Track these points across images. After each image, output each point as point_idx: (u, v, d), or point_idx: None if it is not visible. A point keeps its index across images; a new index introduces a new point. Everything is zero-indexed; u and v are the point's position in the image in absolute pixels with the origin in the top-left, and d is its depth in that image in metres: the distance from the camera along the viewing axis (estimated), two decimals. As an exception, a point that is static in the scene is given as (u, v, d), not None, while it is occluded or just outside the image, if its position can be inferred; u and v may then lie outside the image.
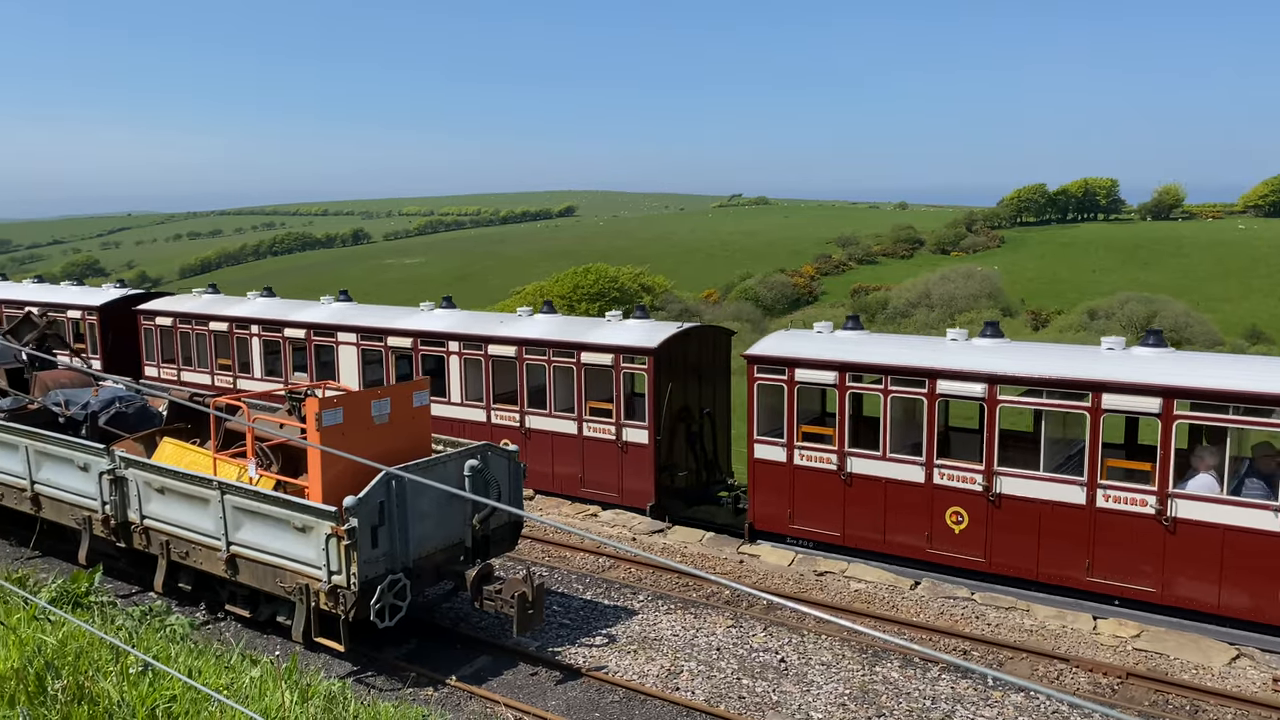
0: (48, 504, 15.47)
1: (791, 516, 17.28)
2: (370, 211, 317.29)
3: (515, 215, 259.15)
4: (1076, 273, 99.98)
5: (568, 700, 11.99)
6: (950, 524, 15.83)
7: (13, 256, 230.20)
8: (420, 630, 13.80)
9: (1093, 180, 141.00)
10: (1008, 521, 15.32)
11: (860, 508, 16.60)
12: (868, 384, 16.58)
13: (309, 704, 9.02)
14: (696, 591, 15.72)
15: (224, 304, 26.88)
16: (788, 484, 17.17)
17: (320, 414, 12.14)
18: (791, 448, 17.16)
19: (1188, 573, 14.00)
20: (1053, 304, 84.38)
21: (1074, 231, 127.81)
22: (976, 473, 15.49)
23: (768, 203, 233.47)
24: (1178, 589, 14.08)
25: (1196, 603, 13.98)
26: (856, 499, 16.63)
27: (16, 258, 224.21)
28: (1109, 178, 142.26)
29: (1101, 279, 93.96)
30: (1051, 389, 14.81)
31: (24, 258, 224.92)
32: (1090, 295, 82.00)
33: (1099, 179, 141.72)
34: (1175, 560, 14.05)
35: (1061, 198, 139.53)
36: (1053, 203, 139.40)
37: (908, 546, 16.27)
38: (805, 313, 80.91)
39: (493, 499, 13.17)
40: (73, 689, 7.93)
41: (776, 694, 12.17)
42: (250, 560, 12.70)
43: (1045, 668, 13.14)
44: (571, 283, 79.07)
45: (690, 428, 19.73)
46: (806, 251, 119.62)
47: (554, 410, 20.04)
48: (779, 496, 17.40)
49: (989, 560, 15.60)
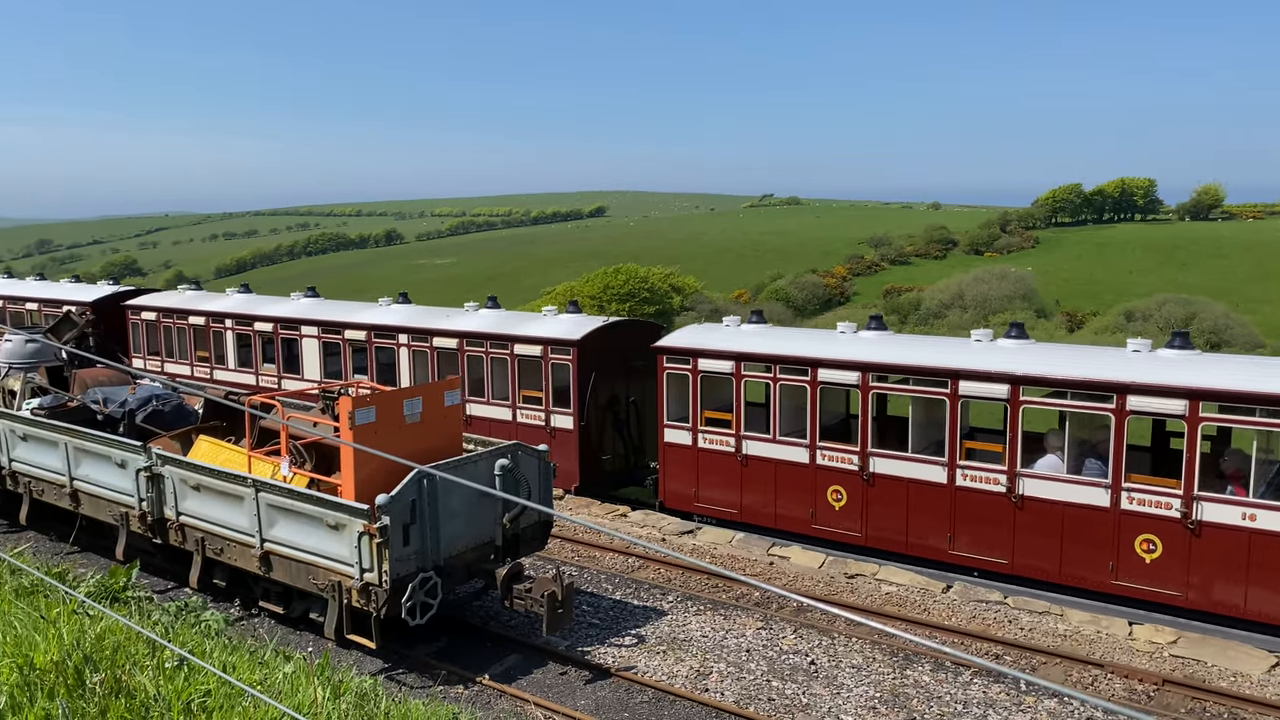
0: (86, 500, 15.71)
1: (696, 494, 18.73)
2: (403, 212, 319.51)
3: (546, 216, 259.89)
4: (1113, 274, 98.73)
5: (597, 700, 12.00)
6: (832, 501, 17.22)
7: (53, 256, 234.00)
8: (451, 628, 13.88)
9: (1130, 180, 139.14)
10: (881, 498, 16.72)
11: (755, 486, 18.07)
12: (759, 373, 17.83)
13: (341, 700, 9.09)
14: (726, 593, 15.69)
15: (202, 300, 28.46)
16: (693, 465, 18.56)
17: (353, 413, 12.24)
18: (696, 432, 18.68)
19: (1033, 545, 15.34)
20: (1088, 305, 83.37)
21: (1110, 232, 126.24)
22: (853, 454, 16.90)
23: (799, 203, 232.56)
24: (1026, 560, 15.37)
25: (1042, 571, 15.27)
26: (751, 478, 18.11)
27: (57, 257, 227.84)
28: (1146, 178, 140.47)
29: (1138, 280, 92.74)
30: (917, 376, 16.27)
31: (64, 257, 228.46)
32: (1127, 297, 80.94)
33: (1136, 179, 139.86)
34: (1023, 534, 15.39)
35: (1098, 198, 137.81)
36: (1089, 203, 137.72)
37: (795, 521, 17.65)
38: (837, 313, 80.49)
39: (523, 498, 13.21)
40: (110, 682, 8.04)
41: (806, 696, 12.12)
42: (284, 557, 12.83)
43: (1079, 673, 12.98)
44: (601, 283, 79.08)
45: (618, 415, 20.98)
46: (838, 252, 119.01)
47: (491, 398, 21.48)
48: (686, 476, 18.84)
49: (865, 534, 16.97)
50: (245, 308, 26.65)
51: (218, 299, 28.21)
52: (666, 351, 18.90)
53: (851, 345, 17.21)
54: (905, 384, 16.49)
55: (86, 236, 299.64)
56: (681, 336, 19.53)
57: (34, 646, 8.83)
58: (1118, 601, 14.74)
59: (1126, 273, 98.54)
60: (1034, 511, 15.21)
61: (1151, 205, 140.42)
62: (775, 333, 19.40)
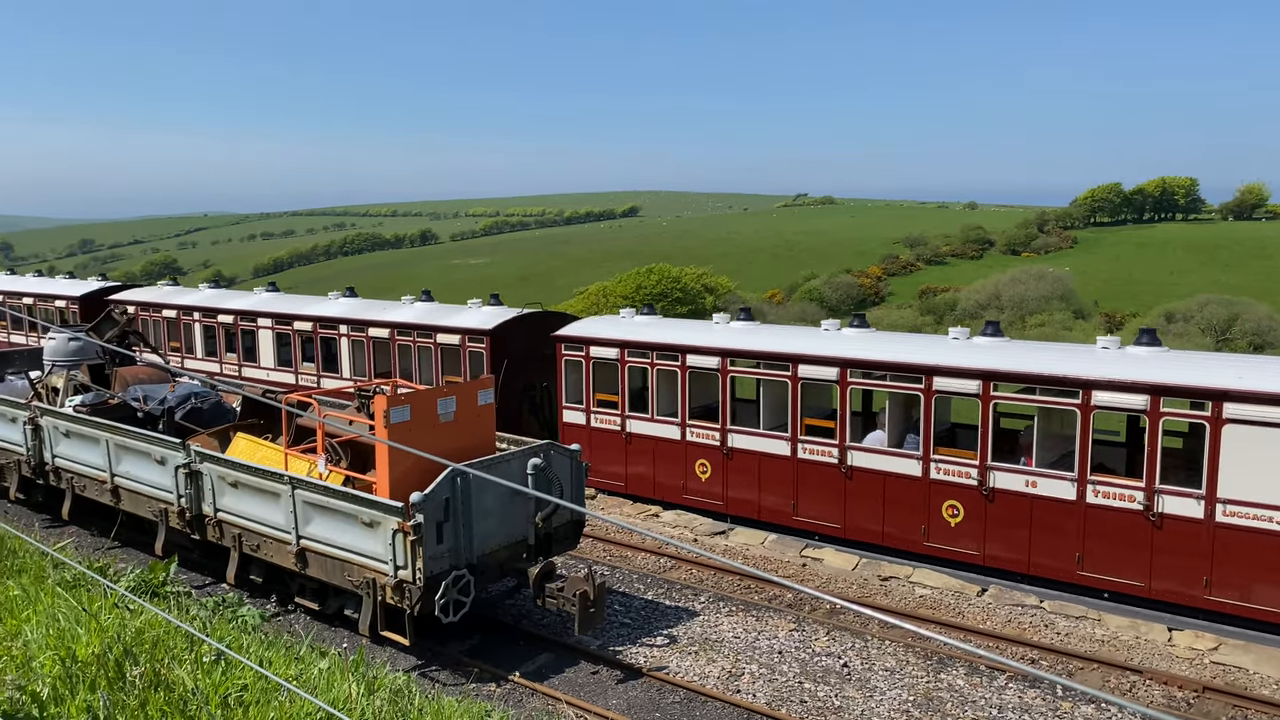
0: (126, 496, 15.95)
1: (590, 469, 19.78)
2: (438, 212, 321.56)
3: (579, 216, 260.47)
4: (1153, 274, 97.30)
5: (629, 700, 12.01)
6: (699, 473, 19.20)
7: (95, 255, 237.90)
8: (483, 626, 13.94)
9: (1171, 179, 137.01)
10: (738, 469, 18.64)
11: (637, 460, 20.00)
12: (639, 358, 19.63)
13: (375, 697, 9.16)
14: (758, 594, 15.64)
15: (176, 294, 30.96)
16: (587, 443, 19.24)
17: (389, 411, 12.33)
18: (589, 412, 20.51)
19: (861, 509, 17.12)
20: (1128, 306, 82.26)
21: (1150, 232, 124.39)
22: (715, 431, 18.82)
23: (834, 202, 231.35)
24: (855, 523, 17.25)
25: (868, 534, 17.10)
26: (635, 454, 20.03)
27: (99, 257, 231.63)
28: (1188, 176, 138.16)
29: (1179, 281, 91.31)
30: (765, 360, 18.01)
31: (106, 257, 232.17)
32: (1168, 298, 79.73)
33: (1177, 178, 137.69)
34: (853, 499, 17.20)
35: (1138, 197, 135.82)
36: (1128, 202, 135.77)
37: (669, 489, 19.60)
38: (871, 314, 79.95)
39: (555, 497, 13.25)
40: (150, 675, 8.16)
41: (839, 699, 12.05)
42: (319, 554, 12.95)
43: (1117, 679, 12.81)
44: (634, 283, 79.11)
45: (534, 399, 22.65)
46: (873, 252, 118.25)
47: (419, 384, 22.51)
48: (583, 454, 19.80)
49: (725, 503, 18.87)
50: (210, 302, 29.08)
51: (189, 293, 30.99)
52: (564, 340, 20.73)
53: (713, 334, 19.20)
54: (756, 367, 18.26)
55: (128, 236, 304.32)
56: (577, 327, 21.52)
57: (76, 639, 8.98)
58: (929, 561, 16.50)
59: (1167, 273, 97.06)
60: (860, 480, 17.10)
61: (1193, 204, 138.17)
62: (660, 323, 21.11)
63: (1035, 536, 15.39)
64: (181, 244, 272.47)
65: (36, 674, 8.17)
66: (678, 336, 19.29)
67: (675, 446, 19.37)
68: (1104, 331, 72.36)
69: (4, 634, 9.46)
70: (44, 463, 17.46)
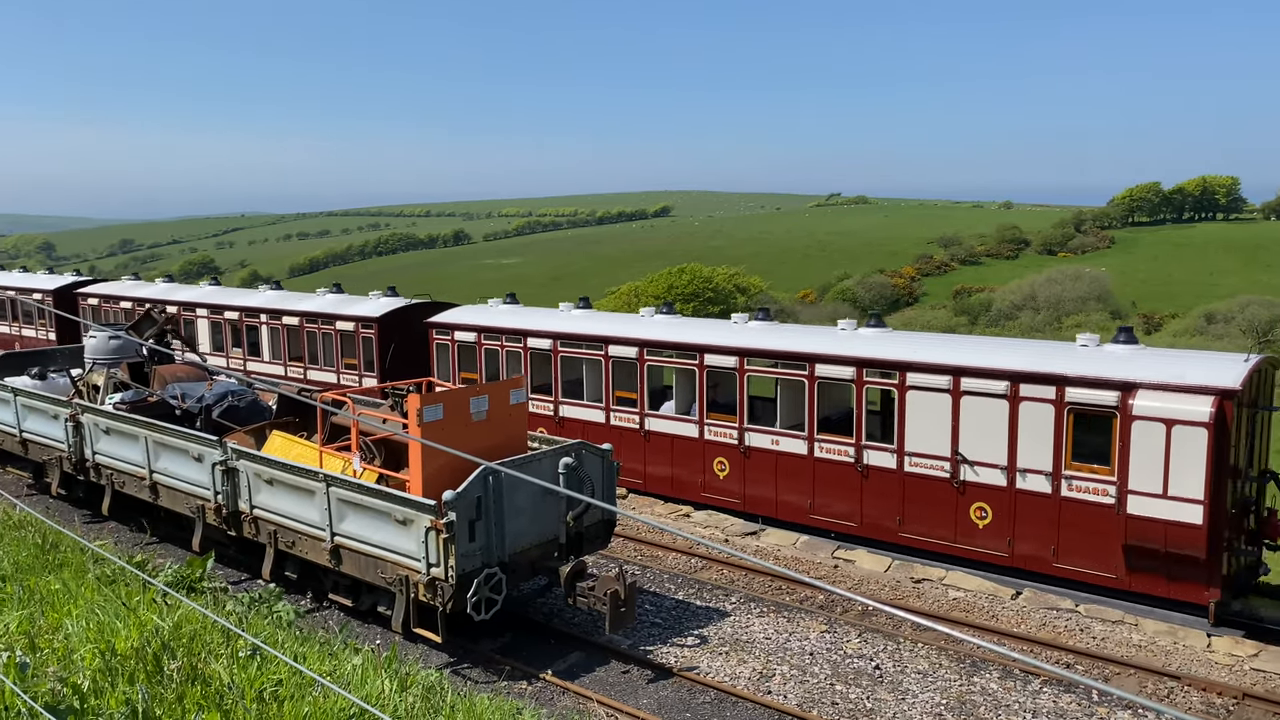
0: (164, 492, 16.17)
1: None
2: (471, 213, 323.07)
3: (611, 216, 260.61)
4: (1193, 275, 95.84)
5: (659, 699, 12.01)
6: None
7: (134, 255, 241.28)
8: (515, 624, 14.00)
9: (1211, 178, 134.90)
10: (568, 433, 20.74)
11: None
12: (493, 342, 22.50)
13: (408, 693, 9.23)
14: (789, 595, 15.58)
15: (132, 288, 33.90)
16: None
17: (421, 410, 12.41)
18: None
19: (655, 463, 20.31)
20: (1166, 307, 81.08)
21: (1190, 232, 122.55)
22: (549, 402, 21.75)
23: (867, 202, 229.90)
24: (650, 476, 20.39)
25: (660, 483, 20.23)
26: None
27: (138, 257, 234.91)
28: (1229, 175, 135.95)
29: (1220, 281, 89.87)
30: (585, 342, 20.89)
31: (145, 256, 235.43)
32: (1207, 298, 78.49)
33: (1218, 176, 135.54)
34: (651, 455, 20.40)
35: (1177, 196, 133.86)
36: (1167, 202, 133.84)
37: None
38: (905, 314, 79.35)
39: (586, 496, 13.27)
40: (187, 669, 8.27)
41: (870, 701, 11.98)
42: (353, 551, 13.06)
43: (1154, 684, 12.64)
44: (666, 283, 79.04)
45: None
46: (907, 252, 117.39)
47: (323, 365, 27.04)
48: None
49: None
50: (159, 294, 31.84)
51: (146, 287, 34.33)
52: (434, 326, 23.68)
53: (549, 320, 22.22)
54: (579, 348, 21.09)
55: (166, 236, 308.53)
56: (446, 314, 24.20)
57: (115, 633, 9.13)
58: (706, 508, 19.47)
59: (1207, 274, 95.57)
60: (656, 443, 20.29)
61: (1234, 204, 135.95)
62: (518, 311, 23.80)
63: (781, 484, 18.40)
64: (219, 244, 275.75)
65: (77, 666, 8.32)
66: (519, 322, 22.37)
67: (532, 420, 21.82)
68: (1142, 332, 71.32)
69: (46, 627, 9.64)
70: (85, 459, 17.75)
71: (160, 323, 20.23)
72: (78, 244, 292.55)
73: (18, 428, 19.37)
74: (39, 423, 18.82)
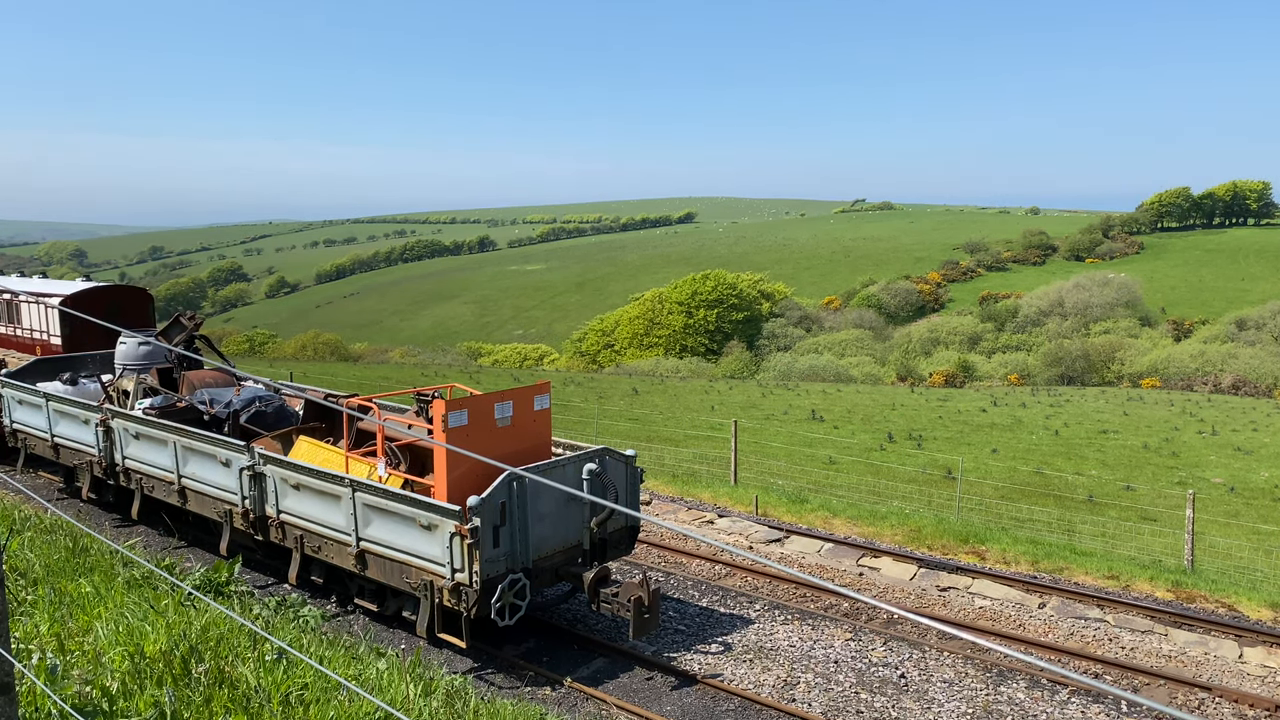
0: (193, 497, 16.33)
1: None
2: (496, 219, 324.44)
3: (635, 222, 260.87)
4: (1224, 280, 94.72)
5: (683, 706, 11.98)
6: None
7: (164, 262, 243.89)
8: (538, 630, 14.02)
9: (1242, 183, 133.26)
10: None
11: None
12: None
13: (432, 698, 9.26)
14: (814, 602, 15.51)
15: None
16: None
17: (447, 415, 12.47)
18: None
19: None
20: (1197, 313, 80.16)
21: (1221, 237, 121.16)
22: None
23: (892, 208, 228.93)
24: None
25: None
26: None
27: (168, 263, 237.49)
28: (1261, 180, 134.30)
29: (1251, 287, 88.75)
30: None
31: (174, 263, 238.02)
32: (1239, 304, 77.54)
33: (1249, 181, 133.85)
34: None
35: (1207, 202, 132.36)
36: (1198, 207, 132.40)
37: None
38: (930, 320, 78.90)
39: (610, 502, 13.28)
40: (214, 672, 8.33)
41: (896, 710, 11.90)
42: (378, 556, 13.12)
43: (1185, 696, 12.47)
44: (689, 289, 79.01)
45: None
46: (932, 258, 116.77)
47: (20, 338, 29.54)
48: None
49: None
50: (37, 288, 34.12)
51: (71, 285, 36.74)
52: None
53: None
54: None
55: (195, 243, 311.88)
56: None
57: (144, 636, 9.21)
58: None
59: (1238, 279, 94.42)
60: None
61: (1266, 209, 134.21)
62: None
63: None
64: (247, 251, 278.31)
65: (106, 669, 8.39)
66: None
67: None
68: (1170, 339, 70.34)
69: (76, 630, 9.74)
70: (114, 464, 17.95)
71: (189, 328, 20.43)
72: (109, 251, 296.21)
73: (49, 432, 19.64)
74: (70, 427, 19.08)
